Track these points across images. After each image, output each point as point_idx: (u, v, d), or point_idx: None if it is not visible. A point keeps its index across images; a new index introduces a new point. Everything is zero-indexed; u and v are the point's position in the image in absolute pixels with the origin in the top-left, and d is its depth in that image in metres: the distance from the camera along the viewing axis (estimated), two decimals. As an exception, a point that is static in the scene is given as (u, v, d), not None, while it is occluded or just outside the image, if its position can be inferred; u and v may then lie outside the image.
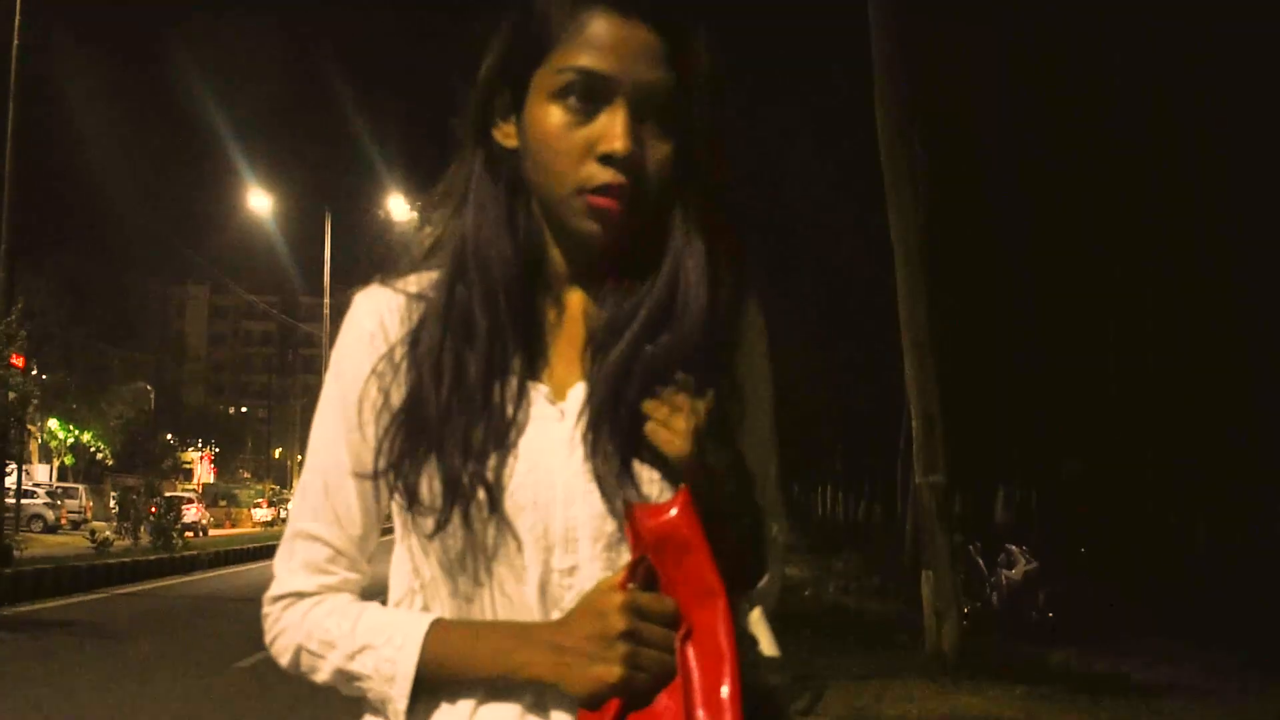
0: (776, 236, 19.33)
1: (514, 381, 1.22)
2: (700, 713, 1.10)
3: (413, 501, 1.21)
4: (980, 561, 15.08)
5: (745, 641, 1.16)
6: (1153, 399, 18.99)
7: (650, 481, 1.18)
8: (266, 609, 1.28)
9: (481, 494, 1.18)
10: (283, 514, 60.91)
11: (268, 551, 30.35)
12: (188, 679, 10.13)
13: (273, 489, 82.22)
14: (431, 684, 1.20)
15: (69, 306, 45.72)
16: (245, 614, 11.34)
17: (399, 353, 1.25)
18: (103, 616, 15.11)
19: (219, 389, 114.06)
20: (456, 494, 1.18)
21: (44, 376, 17.06)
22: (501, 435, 1.20)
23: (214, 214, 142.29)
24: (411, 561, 1.26)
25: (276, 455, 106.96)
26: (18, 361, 16.49)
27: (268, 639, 1.28)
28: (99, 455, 52.74)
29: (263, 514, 62.87)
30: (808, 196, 20.76)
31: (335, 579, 1.26)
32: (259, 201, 41.04)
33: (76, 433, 48.47)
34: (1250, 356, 18.12)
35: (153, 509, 28.90)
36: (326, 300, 41.75)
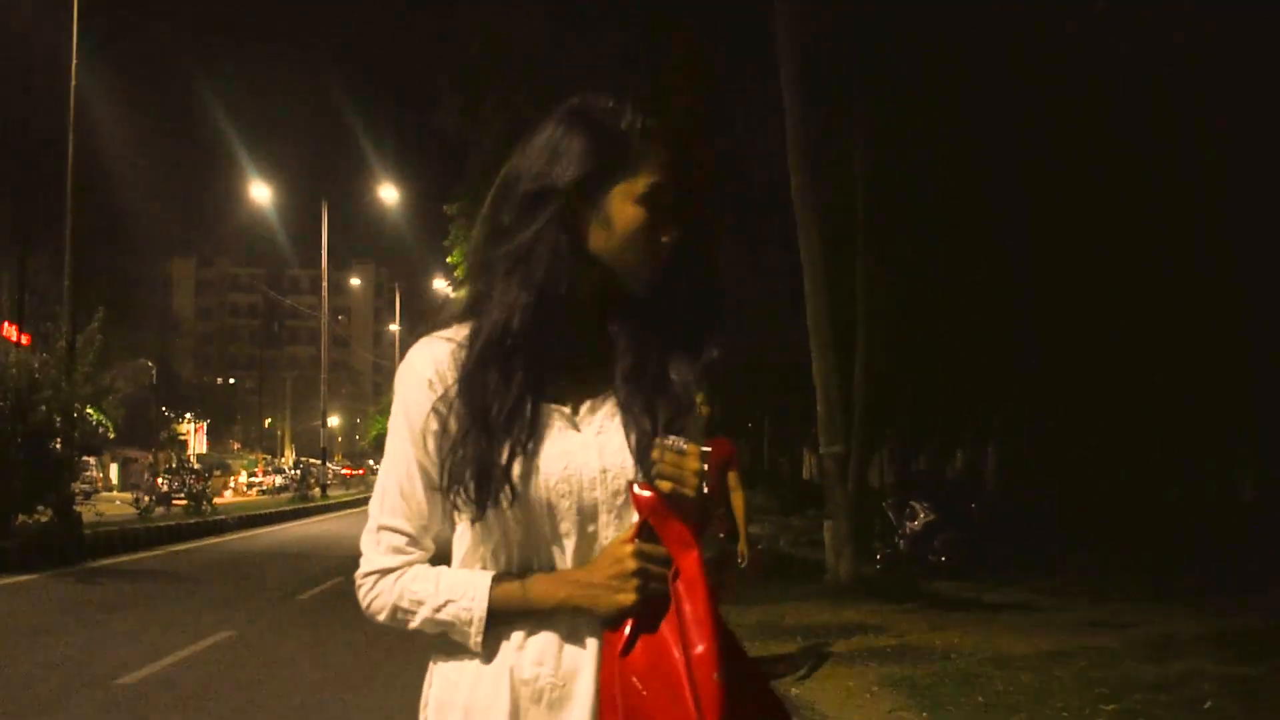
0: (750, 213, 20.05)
1: (539, 406, 1.67)
2: (691, 631, 1.55)
3: (466, 500, 1.65)
4: (891, 515, 18.21)
5: (709, 573, 1.59)
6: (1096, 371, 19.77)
7: (640, 471, 1.65)
8: (360, 581, 1.73)
9: (505, 493, 1.62)
10: (276, 481, 63.51)
11: (279, 518, 33.45)
12: (263, 607, 13.20)
13: (265, 458, 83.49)
14: (496, 622, 1.65)
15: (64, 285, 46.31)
16: (287, 565, 15.41)
17: (451, 391, 1.67)
18: (172, 567, 18.16)
19: (206, 360, 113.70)
20: (487, 494, 1.63)
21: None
22: (528, 447, 1.64)
23: (203, 192, 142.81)
24: (474, 536, 1.70)
25: (266, 425, 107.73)
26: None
27: (364, 603, 1.73)
28: (100, 430, 54.86)
29: (258, 483, 63.98)
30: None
31: (413, 556, 1.71)
32: (259, 191, 43.54)
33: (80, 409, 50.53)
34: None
35: (159, 481, 31.75)
36: (324, 284, 44.38)
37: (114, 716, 7.28)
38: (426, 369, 1.70)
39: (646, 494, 1.60)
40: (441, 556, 1.74)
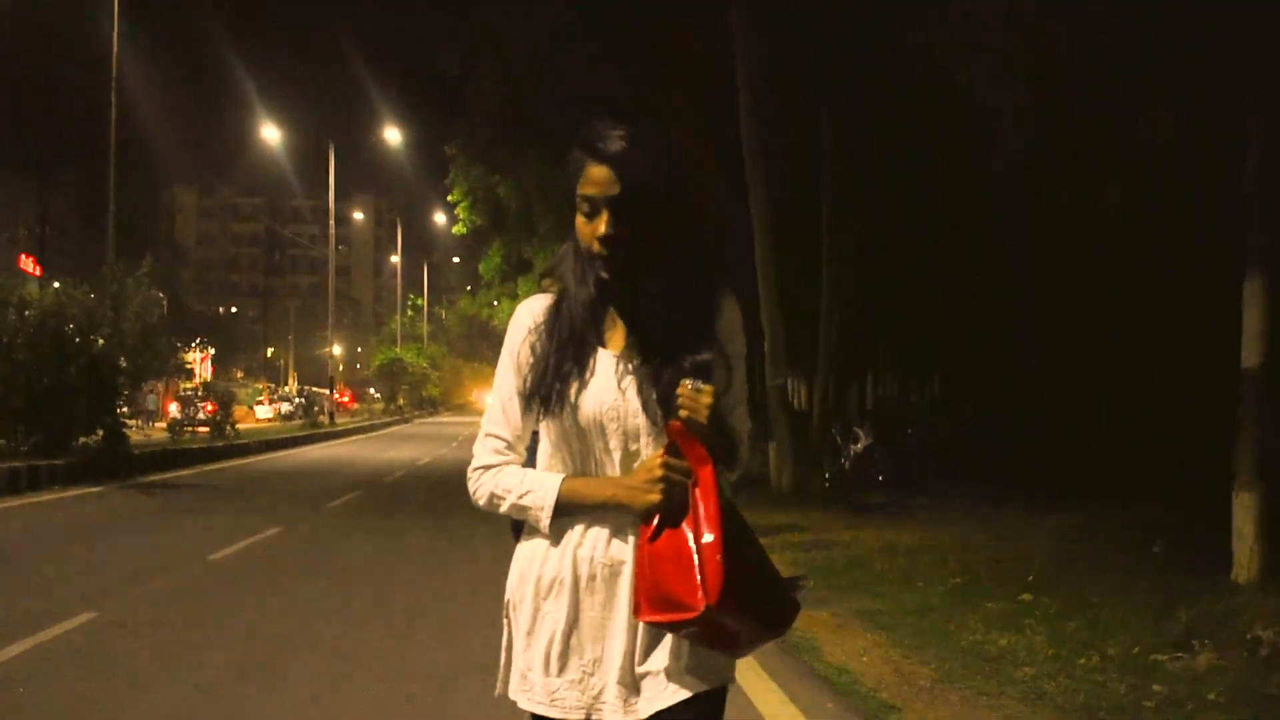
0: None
1: (597, 351, 2.22)
2: (703, 525, 2.05)
3: (540, 406, 2.22)
4: (837, 438, 20.79)
5: (723, 488, 2.10)
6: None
7: (666, 408, 2.14)
8: (471, 473, 2.30)
9: (566, 405, 2.19)
10: (284, 409, 64.93)
11: (293, 443, 35.99)
12: (298, 513, 15.69)
13: (269, 387, 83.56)
14: (561, 511, 2.20)
15: (80, 219, 47.83)
16: (311, 482, 18.96)
17: (541, 331, 2.26)
18: (212, 482, 20.81)
19: (208, 289, 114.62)
20: (547, 405, 2.21)
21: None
22: (584, 376, 2.21)
23: (207, 123, 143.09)
24: (550, 448, 2.26)
25: (270, 354, 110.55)
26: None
27: (471, 488, 2.30)
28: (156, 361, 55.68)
29: (265, 411, 64.06)
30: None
31: (509, 458, 2.29)
32: (269, 132, 45.52)
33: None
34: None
35: (210, 406, 34.42)
36: (331, 224, 46.46)
37: (217, 576, 9.94)
38: (527, 318, 2.29)
39: (674, 424, 2.09)
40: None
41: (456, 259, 59.42)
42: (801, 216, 20.31)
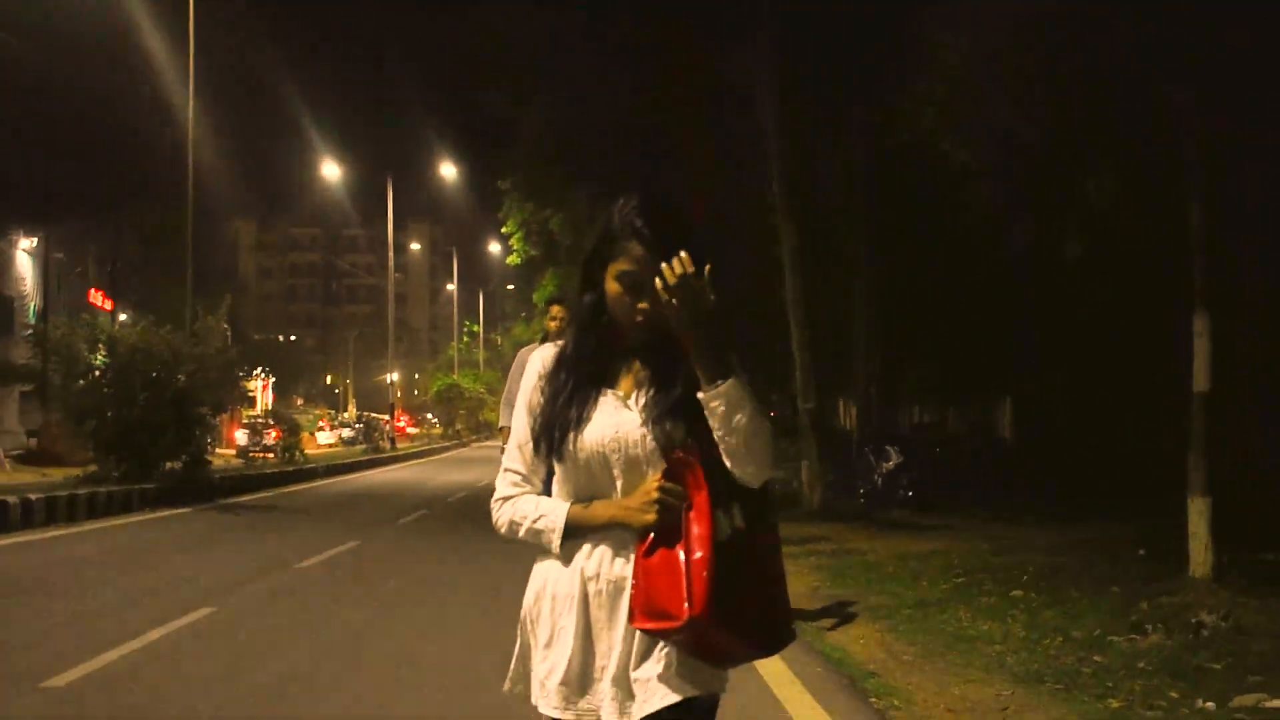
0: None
1: (598, 393, 2.45)
2: (694, 544, 2.27)
3: (548, 448, 2.48)
4: (870, 458, 21.97)
5: (719, 515, 2.31)
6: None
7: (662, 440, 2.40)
8: (493, 504, 2.57)
9: (567, 446, 2.43)
10: (345, 435, 66.66)
11: (357, 467, 37.63)
12: (372, 529, 17.13)
13: (329, 413, 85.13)
14: (570, 534, 2.44)
15: (144, 253, 49.11)
16: (379, 503, 21.06)
17: (547, 378, 2.51)
18: (287, 504, 22.35)
19: (267, 319, 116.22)
20: (551, 448, 2.46)
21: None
22: (583, 417, 2.43)
23: (265, 155, 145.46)
24: (560, 477, 2.51)
25: (328, 381, 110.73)
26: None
27: (494, 518, 2.57)
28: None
29: (326, 437, 65.38)
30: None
31: (525, 490, 2.55)
32: (330, 170, 47.42)
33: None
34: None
35: (277, 433, 36.25)
36: (390, 255, 48.10)
37: (305, 580, 11.44)
38: (537, 365, 2.56)
39: (676, 453, 2.37)
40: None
41: (511, 286, 60.95)
42: (836, 250, 21.62)
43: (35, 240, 42.09)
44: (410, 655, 7.80)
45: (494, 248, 64.79)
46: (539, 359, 2.57)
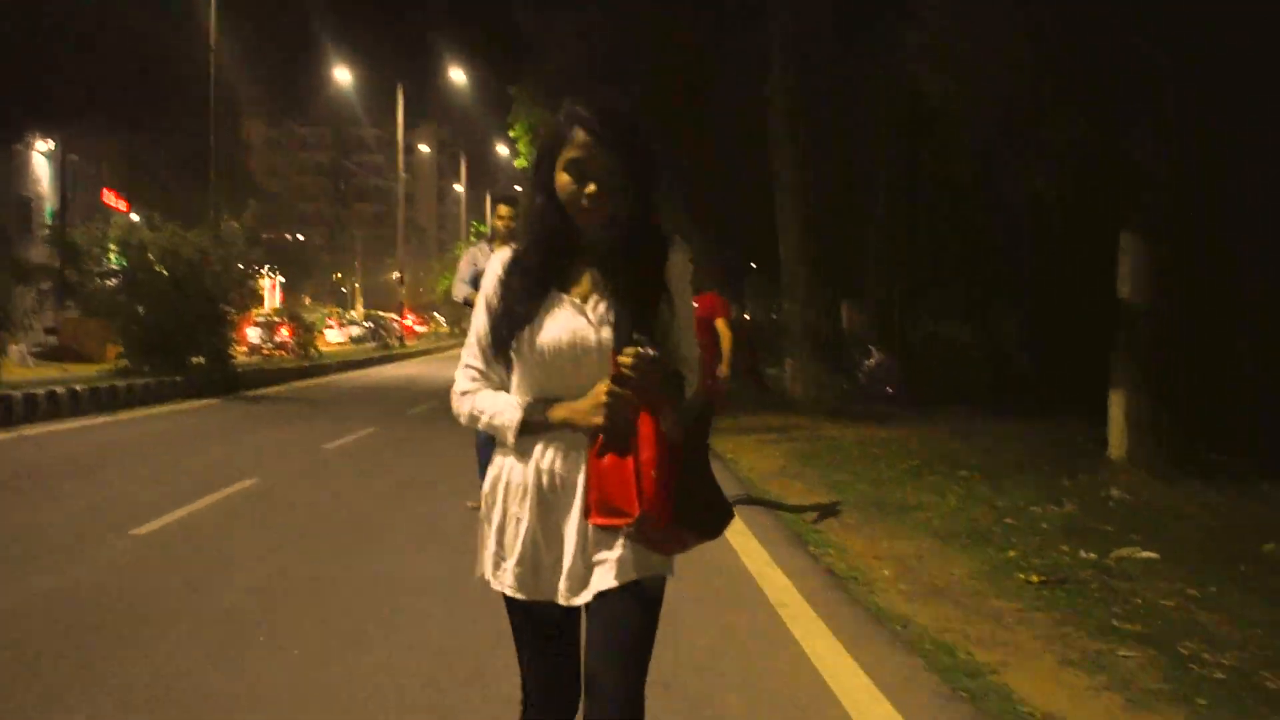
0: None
1: (554, 295, 2.52)
2: (642, 444, 2.36)
3: (504, 343, 2.56)
4: (855, 355, 23.28)
5: (683, 414, 2.49)
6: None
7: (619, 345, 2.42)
8: (453, 396, 2.66)
9: (523, 346, 2.52)
10: (354, 333, 66.99)
11: (368, 363, 38.97)
12: (386, 418, 18.49)
13: (337, 312, 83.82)
14: (525, 430, 2.53)
15: (163, 154, 48.58)
16: (391, 394, 23.99)
17: (503, 280, 2.59)
18: (305, 396, 23.78)
19: (275, 217, 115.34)
20: (507, 346, 2.55)
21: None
22: (536, 318, 2.51)
23: (274, 53, 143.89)
24: (518, 376, 2.58)
25: (336, 278, 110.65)
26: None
27: (455, 409, 2.66)
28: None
29: (336, 335, 65.06)
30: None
31: (482, 384, 2.63)
32: (340, 73, 48.11)
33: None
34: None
35: (291, 330, 37.62)
36: (400, 160, 48.94)
37: (333, 459, 12.89)
38: (497, 267, 2.65)
39: (624, 360, 2.40)
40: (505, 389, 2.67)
41: (518, 188, 61.51)
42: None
43: (51, 142, 42.80)
44: (429, 521, 9.14)
45: (502, 149, 65.40)
46: (499, 261, 2.66)
